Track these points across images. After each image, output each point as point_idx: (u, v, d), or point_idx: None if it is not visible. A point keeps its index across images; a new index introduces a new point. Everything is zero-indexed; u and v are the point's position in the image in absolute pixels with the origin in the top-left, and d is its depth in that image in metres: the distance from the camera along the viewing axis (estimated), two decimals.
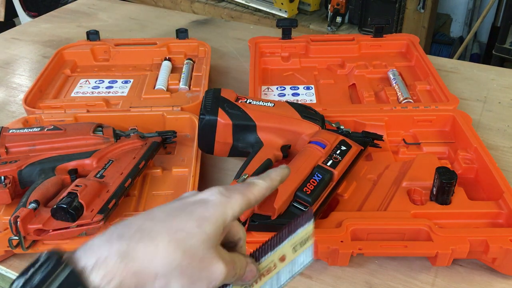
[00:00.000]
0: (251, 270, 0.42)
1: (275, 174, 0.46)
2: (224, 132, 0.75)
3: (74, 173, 0.75)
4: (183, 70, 1.08)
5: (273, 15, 2.37)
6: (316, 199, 0.65)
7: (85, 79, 1.08)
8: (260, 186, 0.43)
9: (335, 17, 2.29)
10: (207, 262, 0.37)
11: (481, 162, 0.77)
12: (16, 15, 2.76)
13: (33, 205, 0.66)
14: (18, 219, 0.63)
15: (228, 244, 0.43)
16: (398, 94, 0.97)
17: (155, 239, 0.36)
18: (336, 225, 0.66)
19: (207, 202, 0.40)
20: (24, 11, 2.73)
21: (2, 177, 0.73)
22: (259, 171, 0.70)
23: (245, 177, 0.67)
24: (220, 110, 0.75)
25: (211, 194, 0.41)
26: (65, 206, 0.64)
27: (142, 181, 0.79)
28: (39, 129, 0.80)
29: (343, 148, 0.73)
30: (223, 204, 0.40)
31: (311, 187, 0.66)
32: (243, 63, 1.21)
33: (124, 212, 0.72)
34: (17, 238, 0.64)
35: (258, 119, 0.76)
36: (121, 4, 1.61)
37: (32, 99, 0.96)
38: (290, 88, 1.03)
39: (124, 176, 0.73)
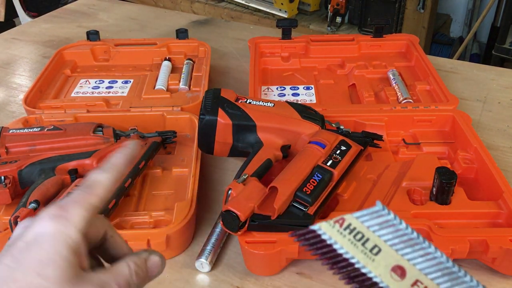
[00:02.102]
0: (153, 263, 0.38)
1: (117, 158, 0.38)
2: (224, 132, 0.75)
3: (74, 173, 0.75)
4: (183, 70, 1.08)
5: (273, 15, 2.37)
6: (316, 199, 0.65)
7: (85, 79, 1.08)
8: (102, 182, 0.36)
9: (335, 17, 2.29)
10: None
11: (481, 162, 0.77)
12: (16, 15, 2.76)
13: (33, 205, 0.66)
14: (18, 219, 0.63)
15: (94, 245, 0.39)
16: (398, 94, 0.97)
17: None
18: None
19: (39, 240, 0.33)
20: (24, 11, 2.73)
21: (2, 177, 0.73)
22: (259, 171, 0.70)
23: (245, 177, 0.67)
24: (220, 110, 0.75)
25: (42, 224, 0.33)
26: None
27: (142, 181, 0.79)
28: (39, 129, 0.80)
29: (343, 148, 0.73)
30: (60, 230, 0.33)
31: (311, 187, 0.66)
32: (243, 63, 1.21)
33: (124, 212, 0.72)
34: None
35: (258, 119, 0.76)
36: (121, 4, 1.61)
37: (32, 99, 0.96)
38: (290, 88, 1.03)
39: (124, 176, 0.73)
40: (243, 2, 2.47)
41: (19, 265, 0.32)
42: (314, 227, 0.34)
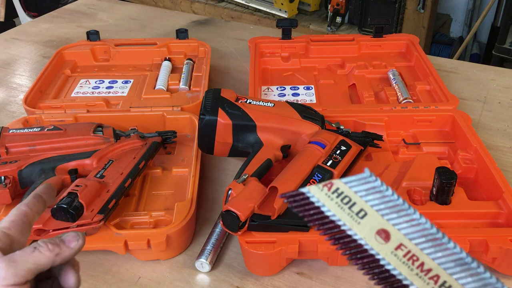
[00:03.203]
0: (68, 235, 0.42)
1: (34, 197, 0.44)
2: (224, 132, 0.75)
3: (74, 173, 0.75)
4: (183, 70, 1.09)
5: (273, 15, 2.37)
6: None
7: (85, 79, 1.08)
8: (14, 213, 0.42)
9: (335, 17, 2.29)
10: None
11: (481, 162, 0.77)
12: (16, 15, 2.76)
13: None
14: None
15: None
16: (398, 94, 0.97)
17: None
18: None
19: None
20: (24, 11, 2.73)
21: (2, 177, 0.73)
22: (259, 171, 0.70)
23: (245, 177, 0.67)
24: (220, 110, 0.75)
25: None
26: (65, 206, 0.64)
27: (142, 181, 0.80)
28: (39, 129, 0.80)
29: (343, 148, 0.73)
30: None
31: None
32: (243, 63, 1.21)
33: (124, 212, 0.72)
34: None
35: (258, 119, 0.76)
36: (121, 4, 1.61)
37: (32, 99, 0.96)
38: (290, 88, 1.03)
39: (124, 176, 0.73)
40: (243, 2, 2.47)
41: None
42: (303, 189, 0.35)
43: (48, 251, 0.39)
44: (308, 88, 1.03)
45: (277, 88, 1.03)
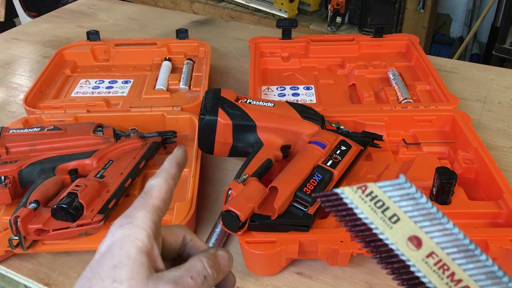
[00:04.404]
0: (222, 257, 0.38)
1: (169, 163, 0.40)
2: (224, 132, 0.75)
3: (74, 173, 0.75)
4: (183, 70, 1.08)
5: (273, 15, 2.37)
6: (316, 199, 0.65)
7: (85, 79, 1.08)
8: (156, 185, 0.38)
9: (335, 17, 2.29)
10: None
11: (481, 162, 0.77)
12: (16, 15, 2.76)
13: (33, 205, 0.66)
14: (18, 219, 0.63)
15: (176, 252, 0.40)
16: (398, 94, 0.97)
17: None
18: (336, 225, 0.66)
19: (111, 248, 0.34)
20: (24, 11, 2.73)
21: (2, 177, 0.73)
22: (259, 171, 0.70)
23: (245, 177, 0.67)
24: (220, 110, 0.75)
25: (112, 234, 0.35)
26: (65, 206, 0.64)
27: (142, 181, 0.79)
28: (39, 129, 0.80)
29: (343, 148, 0.73)
30: (127, 235, 0.34)
31: (311, 187, 0.66)
32: (243, 63, 1.21)
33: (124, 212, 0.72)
34: (17, 238, 0.64)
35: (258, 119, 0.76)
36: (121, 4, 1.61)
37: (32, 99, 0.96)
38: (290, 88, 1.03)
39: (124, 176, 0.73)
40: (243, 2, 2.47)
41: (95, 274, 0.34)
42: (337, 190, 0.35)
43: (214, 281, 0.37)
44: (308, 88, 1.03)
45: (277, 88, 1.03)
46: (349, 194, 0.34)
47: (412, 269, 0.34)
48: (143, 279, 0.33)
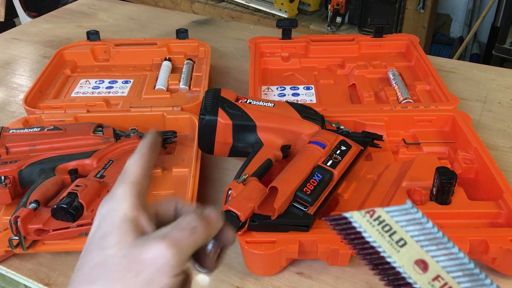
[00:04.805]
0: (209, 213, 0.38)
1: (139, 146, 0.42)
2: (224, 132, 0.75)
3: (74, 173, 0.75)
4: (183, 70, 1.08)
5: (273, 15, 2.37)
6: (316, 199, 0.65)
7: (85, 79, 1.08)
8: (131, 163, 0.40)
9: (335, 17, 2.29)
10: (136, 264, 0.33)
11: (481, 162, 0.77)
12: (16, 15, 2.76)
13: (33, 205, 0.66)
14: (18, 219, 0.63)
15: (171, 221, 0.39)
16: (398, 94, 0.97)
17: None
18: None
19: (99, 223, 0.36)
20: (24, 11, 2.73)
21: (2, 177, 0.73)
22: (259, 171, 0.70)
23: (245, 177, 0.67)
24: (220, 110, 0.75)
25: (99, 214, 0.37)
26: (65, 206, 0.64)
27: None
28: (39, 129, 0.80)
29: (343, 148, 0.73)
30: (111, 208, 0.37)
31: (311, 187, 0.66)
32: (243, 63, 1.21)
33: None
34: (17, 238, 0.64)
35: (258, 119, 0.76)
36: (121, 4, 1.61)
37: (32, 99, 0.96)
38: (290, 88, 1.03)
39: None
40: (243, 2, 2.47)
41: (89, 251, 0.36)
42: (346, 214, 0.37)
43: (204, 232, 0.37)
44: (308, 88, 1.03)
45: (277, 88, 1.03)
46: (357, 218, 0.36)
47: None
48: (130, 241, 0.34)
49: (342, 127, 0.82)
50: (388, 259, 0.35)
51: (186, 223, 0.36)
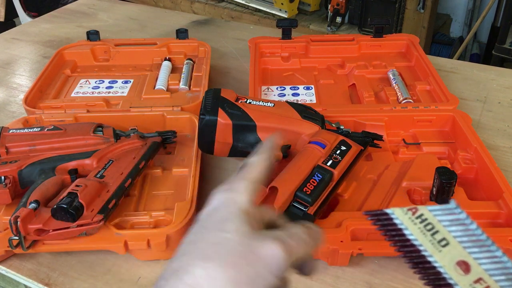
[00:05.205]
0: (316, 229, 0.40)
1: (262, 145, 0.44)
2: (224, 132, 0.75)
3: (74, 173, 0.75)
4: (183, 70, 1.09)
5: (273, 15, 2.37)
6: (316, 199, 0.65)
7: (85, 79, 1.08)
8: (254, 161, 0.42)
9: (335, 17, 2.29)
10: (251, 255, 0.35)
11: (481, 162, 0.77)
12: (16, 15, 2.76)
13: (33, 205, 0.66)
14: (18, 219, 0.63)
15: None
16: (398, 94, 0.97)
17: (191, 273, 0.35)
18: (336, 225, 0.66)
19: (216, 208, 0.38)
20: (24, 11, 2.73)
21: (2, 177, 0.73)
22: None
23: None
24: (220, 110, 0.75)
25: (216, 198, 0.39)
26: (65, 206, 0.64)
27: (142, 181, 0.79)
28: (39, 129, 0.80)
29: (343, 148, 0.73)
30: (229, 197, 0.39)
31: (311, 187, 0.66)
32: (243, 63, 1.21)
33: (124, 212, 0.72)
34: (17, 238, 0.64)
35: (258, 119, 0.76)
36: (121, 4, 1.61)
37: (32, 99, 0.96)
38: (290, 88, 1.03)
39: (124, 176, 0.73)
40: (243, 2, 2.47)
41: (205, 228, 0.37)
42: (388, 210, 0.36)
43: (310, 246, 0.38)
44: (308, 88, 1.03)
45: (277, 88, 1.03)
46: (399, 215, 0.36)
47: None
48: (247, 230, 0.36)
49: (342, 127, 0.82)
50: (429, 258, 0.35)
51: (296, 233, 0.38)
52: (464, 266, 0.34)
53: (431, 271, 0.35)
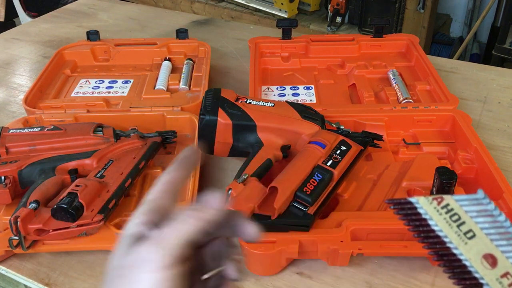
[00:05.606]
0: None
1: (175, 160, 0.41)
2: (224, 132, 0.75)
3: (74, 173, 0.75)
4: (183, 70, 1.08)
5: (273, 15, 2.37)
6: (316, 199, 0.65)
7: (85, 79, 1.08)
8: (160, 177, 0.39)
9: (335, 17, 2.29)
10: (122, 265, 0.34)
11: (481, 162, 0.77)
12: (16, 15, 2.76)
13: (33, 205, 0.66)
14: (18, 219, 0.63)
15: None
16: (398, 94, 0.97)
17: None
18: (336, 225, 0.66)
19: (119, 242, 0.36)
20: (24, 11, 2.73)
21: (2, 177, 0.73)
22: (259, 171, 0.70)
23: (245, 177, 0.67)
24: (220, 110, 0.75)
25: (127, 230, 0.36)
26: (65, 206, 0.64)
27: (142, 181, 0.79)
28: (39, 129, 0.80)
29: (343, 148, 0.73)
30: (126, 227, 0.36)
31: (311, 187, 0.66)
32: (243, 63, 1.21)
33: (124, 212, 0.72)
34: (17, 238, 0.64)
35: (258, 119, 0.76)
36: (121, 4, 1.61)
37: (32, 99, 0.96)
38: (290, 88, 1.03)
39: (124, 176, 0.73)
40: (243, 2, 2.47)
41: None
42: (412, 199, 0.34)
43: (192, 219, 0.35)
44: (308, 88, 1.03)
45: (277, 88, 1.03)
46: (423, 204, 0.34)
47: (485, 287, 0.33)
48: (125, 252, 0.35)
49: (342, 127, 0.82)
50: (455, 251, 0.33)
51: (178, 218, 0.35)
52: (491, 260, 0.33)
53: (456, 264, 0.33)
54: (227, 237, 0.39)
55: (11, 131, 0.80)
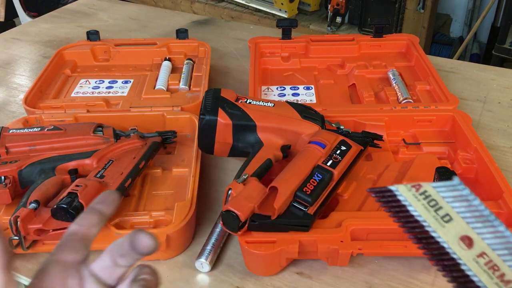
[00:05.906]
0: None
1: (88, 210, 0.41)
2: (224, 132, 0.75)
3: (74, 173, 0.75)
4: (183, 70, 1.08)
5: (273, 15, 2.37)
6: (316, 199, 0.65)
7: (85, 79, 1.08)
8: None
9: (335, 17, 2.29)
10: None
11: (481, 162, 0.77)
12: (16, 15, 2.76)
13: (33, 205, 0.66)
14: (18, 219, 0.63)
15: None
16: (398, 94, 0.97)
17: None
18: (336, 225, 0.66)
19: None
20: (24, 11, 2.73)
21: (2, 177, 0.73)
22: (259, 171, 0.70)
23: (245, 177, 0.67)
24: (220, 110, 0.75)
25: None
26: (65, 206, 0.64)
27: (142, 181, 0.79)
28: (39, 129, 0.80)
29: (343, 148, 0.73)
30: None
31: (311, 187, 0.66)
32: (243, 63, 1.21)
33: (124, 212, 0.72)
34: (17, 238, 0.64)
35: (258, 119, 0.76)
36: (121, 4, 1.61)
37: (32, 99, 0.96)
38: (290, 88, 1.03)
39: (124, 176, 0.73)
40: (243, 2, 2.47)
41: None
42: (392, 187, 0.36)
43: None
44: (308, 88, 1.03)
45: (277, 88, 1.03)
46: (403, 191, 0.36)
47: (462, 267, 0.35)
48: None
49: (342, 127, 0.82)
50: (433, 234, 0.35)
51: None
52: (467, 241, 0.35)
53: (435, 246, 0.35)
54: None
55: (11, 131, 0.80)
